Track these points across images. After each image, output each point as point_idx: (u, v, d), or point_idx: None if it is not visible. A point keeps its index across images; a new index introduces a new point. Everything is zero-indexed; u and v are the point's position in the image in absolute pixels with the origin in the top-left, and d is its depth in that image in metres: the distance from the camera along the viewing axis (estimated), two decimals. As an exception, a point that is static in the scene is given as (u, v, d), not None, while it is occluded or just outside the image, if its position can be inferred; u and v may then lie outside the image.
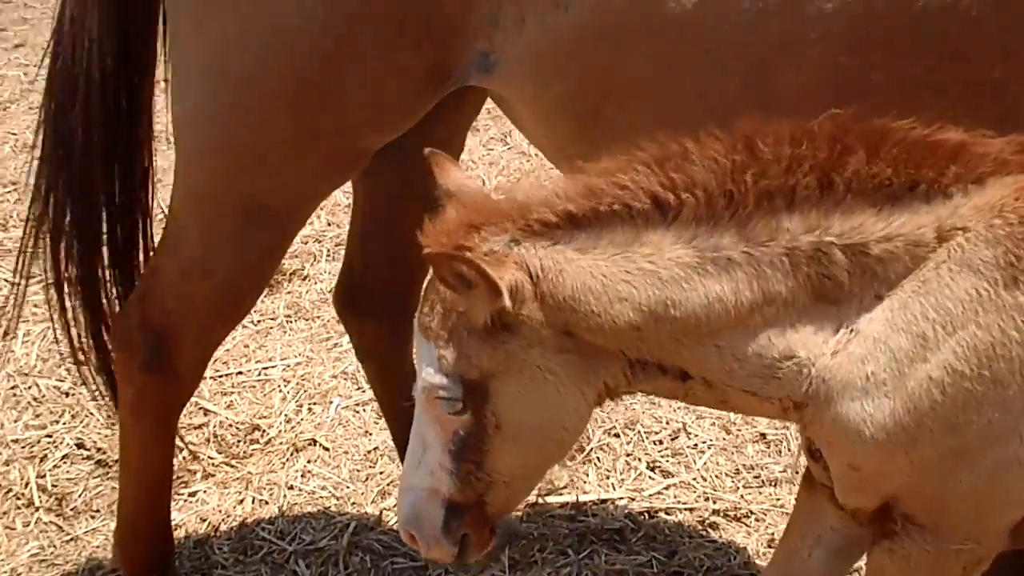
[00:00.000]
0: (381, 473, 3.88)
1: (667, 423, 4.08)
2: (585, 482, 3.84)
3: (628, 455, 3.97)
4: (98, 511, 3.64)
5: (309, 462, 3.92)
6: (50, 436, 3.91)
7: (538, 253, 1.95)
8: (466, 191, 2.08)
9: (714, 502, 3.71)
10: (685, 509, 3.68)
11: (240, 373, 4.35)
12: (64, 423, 3.98)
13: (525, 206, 1.97)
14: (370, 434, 4.08)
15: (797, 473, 3.84)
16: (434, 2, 2.45)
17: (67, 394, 4.16)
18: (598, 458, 3.96)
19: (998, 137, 2.06)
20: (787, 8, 2.29)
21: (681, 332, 1.97)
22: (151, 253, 2.99)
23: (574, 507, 3.71)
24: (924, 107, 2.03)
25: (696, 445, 3.98)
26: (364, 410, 4.20)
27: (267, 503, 3.72)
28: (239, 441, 3.97)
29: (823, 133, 1.96)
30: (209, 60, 2.60)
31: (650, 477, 3.78)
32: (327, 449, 4.00)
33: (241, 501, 3.71)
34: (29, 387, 4.19)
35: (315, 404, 4.23)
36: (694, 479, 3.81)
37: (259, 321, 4.67)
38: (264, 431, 4.03)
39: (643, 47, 2.37)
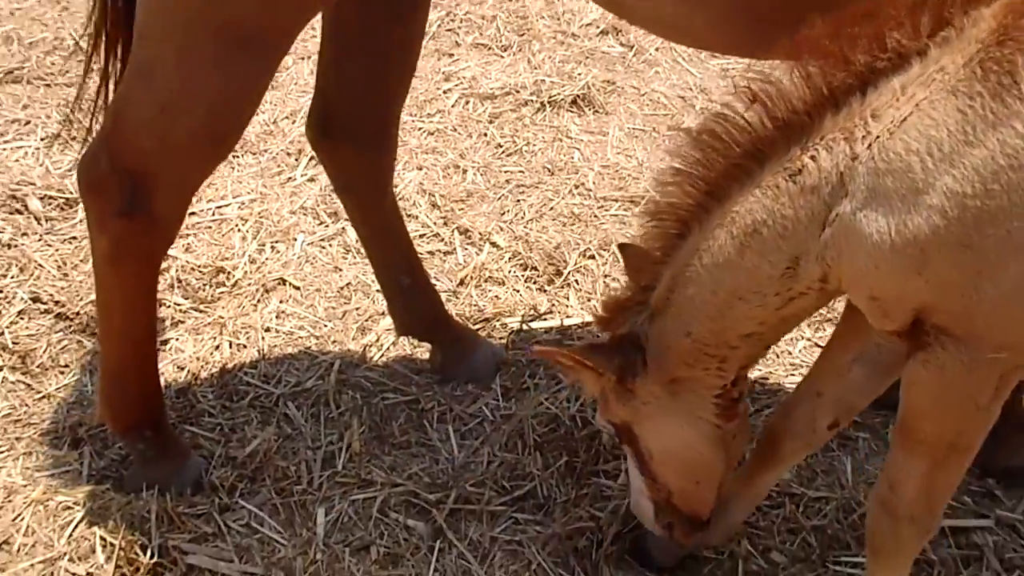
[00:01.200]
0: (357, 309, 3.76)
1: (642, 241, 4.03)
2: (567, 306, 3.79)
3: (606, 276, 3.92)
4: (67, 366, 3.45)
5: (281, 302, 3.77)
6: (0, 291, 3.65)
7: (648, 328, 2.36)
8: (633, 271, 2.43)
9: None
10: (671, 326, 3.66)
11: (193, 213, 4.09)
12: (12, 276, 3.72)
13: (637, 279, 2.40)
14: (340, 270, 3.93)
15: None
16: None
17: (8, 246, 3.88)
18: (576, 281, 3.90)
19: None
20: None
21: (714, 311, 2.25)
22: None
23: (559, 331, 3.67)
24: None
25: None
26: (330, 245, 4.04)
27: (245, 347, 3.58)
28: (205, 285, 3.77)
29: (748, 107, 2.13)
30: None
31: (633, 297, 3.73)
32: (298, 288, 3.84)
33: (218, 347, 3.56)
34: (-36, 241, 3.89)
35: (277, 242, 4.04)
36: (677, 296, 3.78)
37: (204, 158, 4.38)
38: (229, 273, 3.84)
39: None
